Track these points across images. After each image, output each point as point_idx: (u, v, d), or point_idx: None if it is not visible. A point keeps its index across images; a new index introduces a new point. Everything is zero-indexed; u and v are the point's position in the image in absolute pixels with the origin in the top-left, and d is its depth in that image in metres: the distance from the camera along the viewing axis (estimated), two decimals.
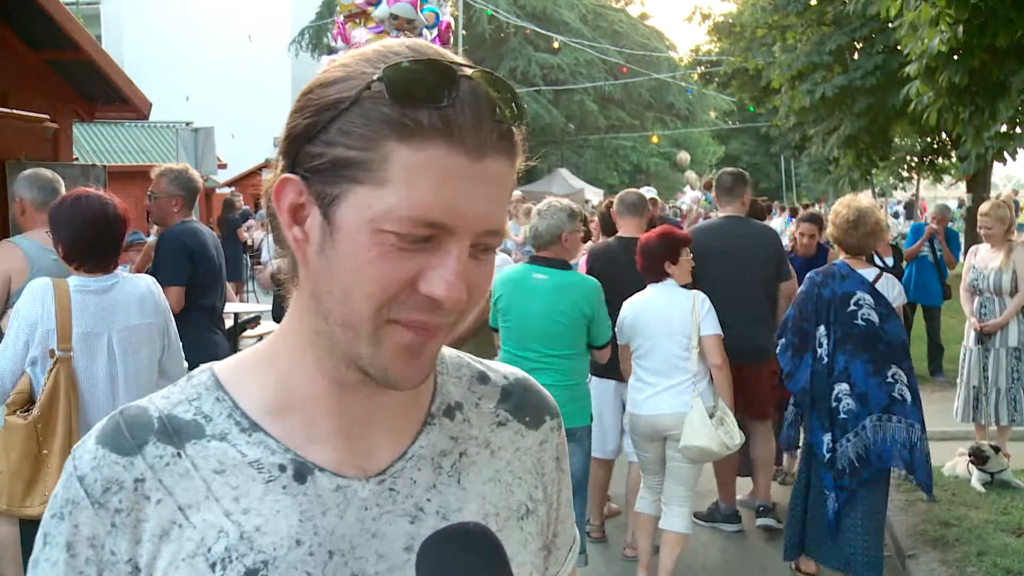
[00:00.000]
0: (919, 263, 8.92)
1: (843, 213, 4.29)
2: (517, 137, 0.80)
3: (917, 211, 20.17)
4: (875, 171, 18.48)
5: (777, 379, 4.76)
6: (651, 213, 5.17)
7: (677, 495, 4.18)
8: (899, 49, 11.01)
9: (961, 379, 6.11)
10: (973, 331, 6.00)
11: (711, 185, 6.82)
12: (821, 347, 4.25)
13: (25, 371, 3.00)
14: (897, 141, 19.24)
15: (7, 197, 6.54)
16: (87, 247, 3.09)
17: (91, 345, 3.06)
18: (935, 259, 8.87)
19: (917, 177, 21.46)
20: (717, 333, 4.11)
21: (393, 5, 5.35)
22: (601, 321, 4.00)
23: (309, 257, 0.80)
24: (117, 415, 0.85)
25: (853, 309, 4.18)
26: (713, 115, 38.61)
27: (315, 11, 31.91)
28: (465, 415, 0.94)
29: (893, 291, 4.24)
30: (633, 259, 4.36)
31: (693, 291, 4.20)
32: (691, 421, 4.00)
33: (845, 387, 4.17)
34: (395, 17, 5.39)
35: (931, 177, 20.63)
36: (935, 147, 18.62)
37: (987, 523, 4.89)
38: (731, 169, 5.55)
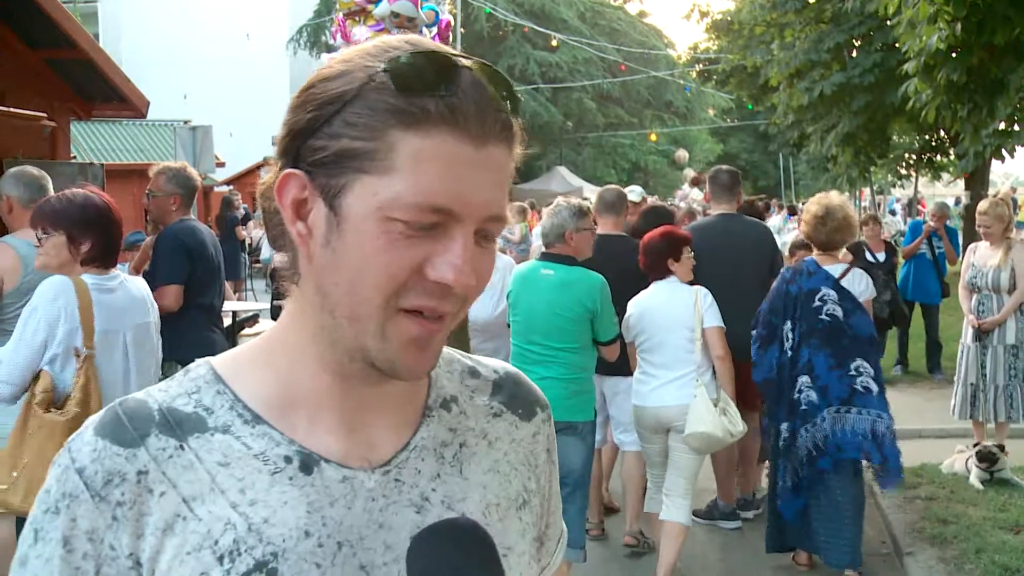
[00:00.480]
0: (917, 261, 8.92)
1: (812, 210, 4.45)
2: (516, 127, 0.81)
3: (915, 209, 20.18)
4: (873, 169, 18.47)
5: None
6: (627, 213, 5.27)
7: (678, 487, 4.24)
8: (897, 47, 11.01)
9: (959, 376, 6.12)
10: (971, 328, 6.01)
11: (699, 181, 6.87)
12: (787, 341, 4.40)
13: (43, 369, 2.95)
14: (895, 139, 19.24)
15: None
16: (112, 245, 3.10)
17: (110, 343, 3.06)
18: (933, 257, 8.87)
19: (915, 175, 21.47)
20: (719, 325, 4.24)
21: (395, 3, 5.33)
22: (606, 317, 4.02)
23: (313, 251, 0.80)
24: (116, 407, 0.84)
25: (818, 305, 4.31)
26: (711, 113, 38.58)
27: (313, 9, 31.87)
28: (461, 407, 0.94)
29: (860, 286, 4.36)
30: (610, 257, 4.53)
31: (695, 286, 4.30)
32: (695, 409, 4.09)
33: (807, 379, 4.31)
34: (396, 15, 5.37)
35: (929, 175, 20.64)
36: (933, 145, 18.62)
37: (985, 520, 4.90)
38: (727, 167, 5.62)
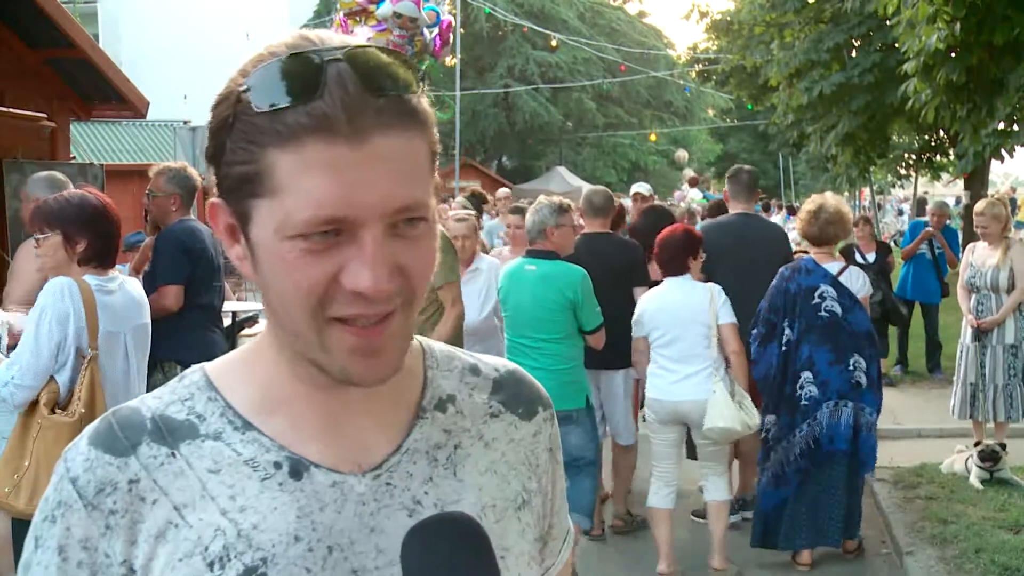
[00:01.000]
0: (917, 261, 8.92)
1: (806, 207, 4.61)
2: (413, 104, 0.77)
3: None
4: (873, 168, 18.45)
5: None
6: (615, 212, 5.32)
7: (712, 469, 4.48)
8: (897, 47, 10.99)
9: (958, 376, 6.13)
10: (970, 328, 6.02)
11: (697, 181, 6.93)
12: (786, 338, 4.48)
13: None
14: (895, 139, 19.20)
15: (5, 196, 6.53)
16: (110, 245, 3.10)
17: (112, 343, 3.05)
18: (933, 257, 8.87)
19: (915, 175, 21.46)
20: (733, 322, 4.36)
21: (397, 4, 5.33)
22: (588, 307, 4.21)
23: (251, 273, 0.81)
24: (109, 416, 0.85)
25: (817, 302, 4.42)
26: (711, 113, 38.56)
27: (313, 9, 31.87)
28: (458, 407, 0.93)
29: (857, 283, 4.49)
30: (596, 256, 4.68)
31: (709, 283, 4.43)
32: (715, 403, 4.20)
33: (808, 375, 4.42)
34: (399, 15, 5.37)
35: (929, 175, 20.62)
36: (933, 145, 18.59)
37: (985, 520, 4.90)
38: (748, 167, 5.77)
